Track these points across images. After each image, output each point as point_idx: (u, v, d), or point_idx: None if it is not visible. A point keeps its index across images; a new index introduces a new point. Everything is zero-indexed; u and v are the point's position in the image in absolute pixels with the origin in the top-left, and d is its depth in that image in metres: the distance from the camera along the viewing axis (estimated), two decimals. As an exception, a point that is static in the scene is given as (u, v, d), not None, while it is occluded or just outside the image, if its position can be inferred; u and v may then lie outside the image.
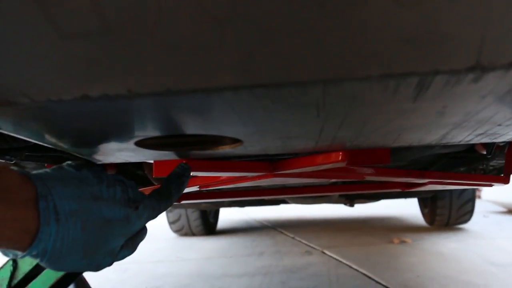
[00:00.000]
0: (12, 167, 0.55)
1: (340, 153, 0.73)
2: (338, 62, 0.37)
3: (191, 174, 0.82)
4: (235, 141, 0.64)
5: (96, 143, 0.60)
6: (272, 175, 0.87)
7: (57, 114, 0.46)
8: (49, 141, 0.59)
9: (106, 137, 0.57)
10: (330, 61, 0.37)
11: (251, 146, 0.65)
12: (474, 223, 4.49)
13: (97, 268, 0.62)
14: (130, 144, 0.62)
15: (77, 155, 0.70)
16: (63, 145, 0.62)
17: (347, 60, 0.37)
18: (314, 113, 0.48)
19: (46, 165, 1.29)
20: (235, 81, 0.39)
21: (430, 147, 1.34)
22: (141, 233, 0.68)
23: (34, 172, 0.58)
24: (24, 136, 0.57)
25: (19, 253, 0.54)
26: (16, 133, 0.55)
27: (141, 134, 0.56)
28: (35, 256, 0.55)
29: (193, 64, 0.37)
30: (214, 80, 0.39)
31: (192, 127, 0.53)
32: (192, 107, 0.45)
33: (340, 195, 2.91)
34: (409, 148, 1.26)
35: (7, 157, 0.89)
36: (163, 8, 0.33)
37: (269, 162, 0.84)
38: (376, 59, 0.37)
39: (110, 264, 0.63)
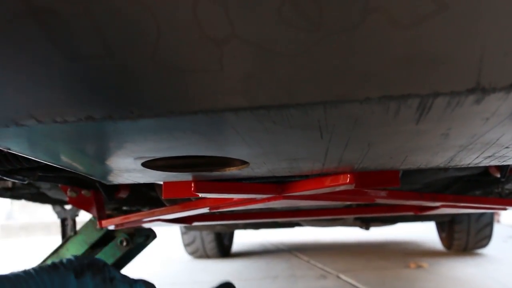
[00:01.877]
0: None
1: (348, 175, 0.73)
2: (337, 84, 0.38)
3: (200, 195, 0.82)
4: (241, 163, 0.64)
5: (104, 164, 0.61)
6: (281, 197, 0.86)
7: (63, 135, 0.47)
8: (57, 162, 0.60)
9: (113, 158, 0.58)
10: (329, 83, 0.38)
11: (258, 168, 0.66)
12: (493, 248, 4.41)
13: None
14: (138, 165, 0.62)
15: (89, 176, 0.71)
16: (72, 166, 0.63)
17: (345, 82, 0.37)
18: (317, 135, 0.48)
19: (60, 186, 1.31)
20: (236, 103, 0.40)
21: (443, 170, 1.33)
22: None
23: (18, 272, 0.44)
24: (35, 157, 0.58)
25: None
26: (26, 154, 0.56)
27: (147, 155, 0.57)
28: None
29: (193, 86, 0.38)
30: (215, 101, 0.40)
31: (196, 148, 0.53)
32: (195, 129, 0.45)
33: (355, 218, 2.88)
34: (421, 171, 1.25)
35: (19, 177, 0.90)
36: (162, 32, 0.33)
37: (277, 184, 0.84)
38: (374, 81, 0.37)
39: None
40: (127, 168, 0.65)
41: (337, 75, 0.37)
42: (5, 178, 0.94)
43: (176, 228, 4.28)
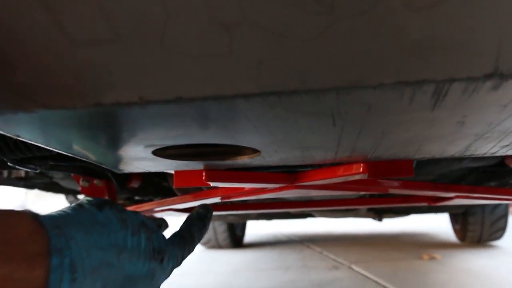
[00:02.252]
0: (27, 211, 0.47)
1: (361, 164, 0.72)
2: (350, 69, 0.37)
3: (211, 184, 0.82)
4: (253, 151, 0.63)
5: (114, 152, 0.60)
6: (293, 187, 0.86)
7: (72, 122, 0.47)
8: (68, 150, 0.60)
9: (123, 146, 0.57)
10: (342, 68, 0.37)
11: (270, 157, 0.65)
12: (508, 240, 4.37)
13: None
14: (148, 154, 0.62)
15: (100, 165, 0.71)
16: (82, 154, 0.63)
17: (358, 67, 0.36)
18: (329, 122, 0.48)
19: (72, 175, 1.31)
20: (246, 88, 0.39)
21: (458, 160, 1.31)
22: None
23: (53, 213, 0.49)
24: (46, 145, 0.58)
25: None
26: (36, 142, 0.56)
27: (157, 143, 0.56)
28: None
29: (202, 71, 0.37)
30: (225, 87, 0.39)
31: (207, 136, 0.53)
32: (205, 115, 0.44)
33: (368, 210, 2.87)
34: (436, 162, 1.24)
35: (32, 166, 0.90)
36: (171, 15, 0.33)
37: (289, 174, 0.83)
38: (388, 66, 0.36)
39: None
40: (137, 157, 0.64)
41: (350, 60, 0.36)
42: (17, 167, 0.95)
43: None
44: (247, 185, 0.85)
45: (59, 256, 0.44)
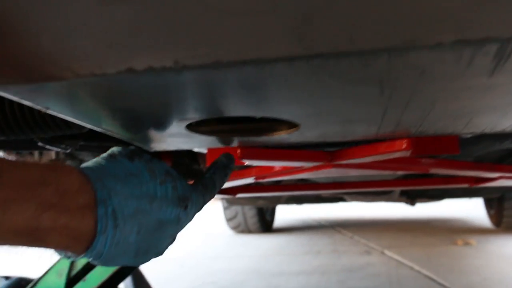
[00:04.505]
0: (71, 165, 0.51)
1: (405, 141, 0.68)
2: (405, 27, 0.33)
3: (246, 163, 0.79)
4: (290, 126, 0.60)
5: (146, 126, 0.58)
6: (330, 166, 0.82)
7: (103, 91, 0.44)
8: (97, 124, 0.58)
9: (156, 119, 0.55)
10: (396, 26, 0.33)
11: (308, 132, 0.62)
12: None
13: (142, 264, 0.59)
14: (181, 128, 0.59)
15: (131, 142, 0.69)
16: (113, 129, 0.60)
17: (415, 24, 0.33)
18: (377, 91, 0.44)
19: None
20: (290, 50, 0.36)
21: (499, 140, 1.26)
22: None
23: (90, 165, 0.54)
24: (74, 118, 0.56)
25: (70, 254, 0.52)
26: (66, 115, 0.54)
27: (191, 116, 0.54)
28: (86, 258, 0.52)
29: (244, 31, 0.34)
30: (267, 49, 0.36)
31: (245, 107, 0.50)
32: (244, 82, 0.41)
33: (401, 194, 2.82)
34: (476, 142, 1.19)
35: (62, 146, 0.89)
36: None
37: (326, 152, 0.80)
38: (448, 23, 0.33)
39: (154, 258, 0.61)
40: (170, 133, 0.62)
41: (406, 17, 0.32)
42: (47, 147, 0.94)
43: (218, 204, 4.30)
44: (283, 164, 0.82)
45: (104, 206, 0.50)
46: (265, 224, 4.53)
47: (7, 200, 0.42)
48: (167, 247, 0.62)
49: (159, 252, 0.60)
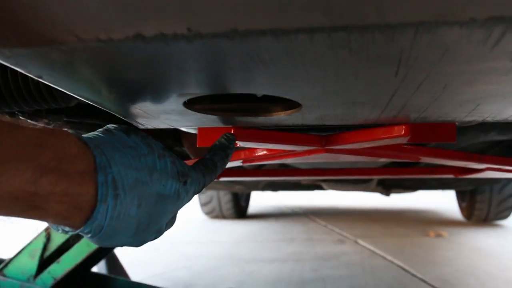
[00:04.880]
0: (70, 131, 0.49)
1: (403, 127, 0.67)
2: (438, 1, 0.31)
3: (239, 144, 0.77)
4: (293, 106, 0.58)
5: (143, 100, 0.55)
6: (323, 150, 0.81)
7: (106, 59, 0.41)
8: (92, 96, 0.55)
9: (155, 93, 0.52)
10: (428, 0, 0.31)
11: (309, 113, 0.60)
12: (513, 220, 4.35)
13: (141, 244, 0.57)
14: (179, 105, 0.57)
15: (120, 116, 0.66)
16: (107, 102, 0.58)
17: (448, -2, 0.31)
18: (393, 70, 0.42)
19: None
20: (313, 21, 0.34)
21: (484, 132, 1.26)
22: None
23: (88, 135, 0.52)
24: (68, 90, 0.53)
25: (68, 229, 0.49)
26: (59, 85, 0.51)
27: (193, 91, 0.51)
28: (86, 234, 0.49)
29: (264, -3, 0.32)
30: (288, 19, 0.34)
31: (251, 83, 0.47)
32: (258, 55, 0.39)
33: (377, 183, 2.83)
34: (463, 132, 1.19)
35: (45, 120, 0.85)
36: None
37: (321, 136, 0.78)
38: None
39: (153, 240, 0.59)
40: (166, 109, 0.59)
41: (439, -11, 0.31)
42: (29, 121, 0.90)
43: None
44: (277, 147, 0.80)
45: (103, 173, 0.48)
46: (240, 210, 4.52)
47: (3, 161, 0.40)
48: (167, 227, 0.60)
49: (159, 230, 0.58)
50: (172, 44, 0.37)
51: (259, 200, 6.45)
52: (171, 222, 0.61)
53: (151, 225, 0.55)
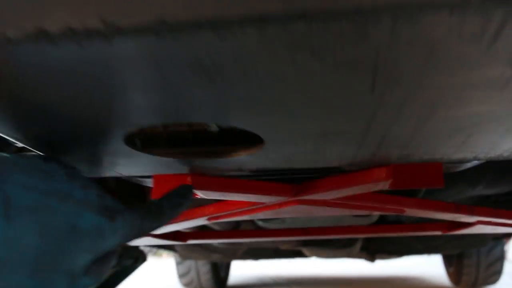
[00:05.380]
0: None
1: (384, 169, 0.58)
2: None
3: (199, 197, 0.68)
4: (254, 142, 0.50)
5: (70, 138, 0.47)
6: (296, 202, 0.72)
7: (2, 69, 0.33)
8: (16, 134, 0.46)
9: (86, 123, 0.43)
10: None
11: (274, 152, 0.51)
12: (504, 284, 4.22)
13: None
14: (119, 142, 0.48)
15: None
16: (25, 140, 0.49)
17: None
18: (368, 83, 0.35)
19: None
20: (262, 6, 0.26)
21: (472, 186, 1.19)
22: (110, 257, 0.52)
23: None
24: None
25: None
26: None
27: (132, 121, 0.43)
28: None
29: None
30: (230, 5, 0.26)
31: (200, 106, 0.39)
32: (200, 60, 0.31)
33: (361, 249, 2.73)
34: (448, 186, 1.11)
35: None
36: None
37: (293, 184, 0.69)
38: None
39: None
40: (106, 150, 0.51)
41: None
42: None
43: (171, 260, 4.10)
44: (241, 197, 0.70)
45: None
46: (219, 281, 4.33)
47: None
48: (89, 273, 0.49)
49: (72, 274, 0.47)
50: (87, 46, 0.29)
51: (240, 270, 6.25)
52: (93, 274, 0.50)
53: (58, 263, 0.45)
